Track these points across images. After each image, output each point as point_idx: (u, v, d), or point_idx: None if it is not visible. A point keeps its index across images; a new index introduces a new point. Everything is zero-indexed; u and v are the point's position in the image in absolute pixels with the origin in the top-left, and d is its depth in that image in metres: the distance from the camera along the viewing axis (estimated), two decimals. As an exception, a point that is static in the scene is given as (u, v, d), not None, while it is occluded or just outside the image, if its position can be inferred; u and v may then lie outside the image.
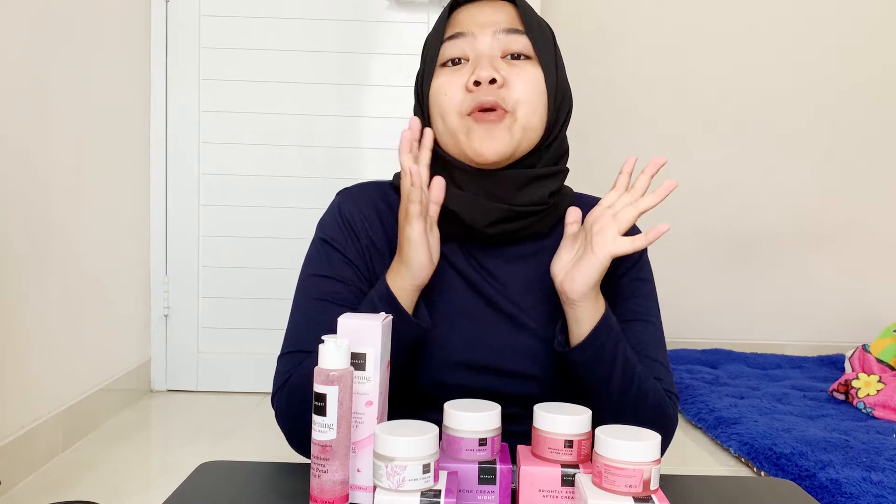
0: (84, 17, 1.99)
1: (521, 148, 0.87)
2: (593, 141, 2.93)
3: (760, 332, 3.06)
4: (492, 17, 0.88)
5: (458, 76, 0.86)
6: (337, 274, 0.89)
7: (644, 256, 0.94)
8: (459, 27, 0.88)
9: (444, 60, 0.88)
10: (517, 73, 0.86)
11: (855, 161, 3.05)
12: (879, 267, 3.08)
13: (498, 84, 0.84)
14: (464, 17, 0.89)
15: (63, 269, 1.89)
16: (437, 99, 0.87)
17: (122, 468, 1.81)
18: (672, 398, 0.88)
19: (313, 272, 0.90)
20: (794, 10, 3.00)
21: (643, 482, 0.60)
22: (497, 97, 0.84)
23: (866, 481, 1.61)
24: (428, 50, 0.91)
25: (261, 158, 2.46)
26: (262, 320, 2.47)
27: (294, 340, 0.88)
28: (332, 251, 0.90)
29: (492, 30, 0.87)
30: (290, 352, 0.88)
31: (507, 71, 0.86)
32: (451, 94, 0.86)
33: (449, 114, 0.86)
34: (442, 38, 0.89)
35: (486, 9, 0.89)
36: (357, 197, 0.93)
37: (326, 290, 0.88)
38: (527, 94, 0.85)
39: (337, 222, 0.91)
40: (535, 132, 0.87)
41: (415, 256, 0.80)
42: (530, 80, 0.86)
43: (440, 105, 0.87)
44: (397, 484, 0.59)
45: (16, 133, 1.68)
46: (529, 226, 0.89)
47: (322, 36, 2.44)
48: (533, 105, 0.86)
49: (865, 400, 2.18)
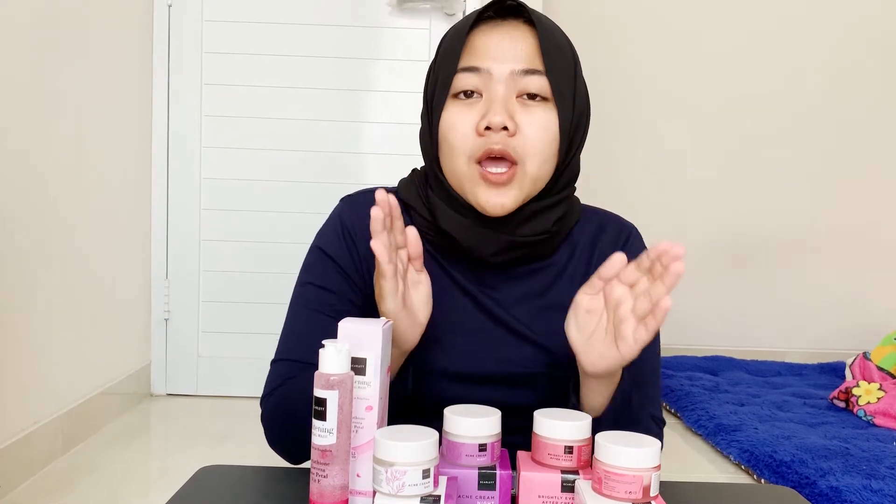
0: (86, 22, 2.00)
1: (530, 196, 0.86)
2: (591, 148, 2.93)
3: (761, 340, 3.06)
4: (511, 50, 0.84)
5: (469, 114, 0.84)
6: (331, 285, 0.89)
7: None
8: (476, 59, 0.84)
9: (457, 92, 0.85)
10: (530, 120, 0.83)
11: (855, 169, 3.05)
12: (880, 274, 3.08)
13: (509, 132, 0.82)
14: (481, 45, 0.85)
15: (64, 272, 1.89)
16: (446, 134, 0.85)
17: (122, 472, 1.80)
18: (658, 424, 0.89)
19: (308, 280, 0.91)
20: (795, 19, 3.01)
21: (643, 488, 0.60)
22: (507, 146, 0.82)
23: (866, 489, 1.60)
24: (442, 67, 0.87)
25: (262, 163, 2.46)
26: (262, 324, 2.47)
27: (285, 349, 0.90)
28: (328, 261, 0.90)
29: (509, 69, 0.83)
30: (281, 360, 0.90)
31: (520, 116, 0.83)
32: (461, 133, 0.84)
33: (459, 156, 0.84)
34: (456, 64, 0.85)
35: (505, 38, 0.85)
36: (359, 205, 0.92)
37: (319, 301, 0.89)
38: (537, 145, 0.83)
39: (337, 232, 0.91)
40: (545, 179, 0.86)
41: (397, 330, 0.76)
42: (543, 126, 0.83)
43: (450, 144, 0.85)
44: (397, 489, 0.59)
45: (17, 135, 1.69)
46: (533, 251, 0.89)
47: (324, 41, 2.45)
48: (544, 155, 0.84)
49: (866, 408, 2.17)
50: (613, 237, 0.94)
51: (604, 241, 0.93)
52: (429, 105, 0.89)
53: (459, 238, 0.86)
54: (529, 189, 0.85)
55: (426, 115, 0.90)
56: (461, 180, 0.85)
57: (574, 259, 0.92)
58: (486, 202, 0.83)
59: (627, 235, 0.94)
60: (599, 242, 0.93)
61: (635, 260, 0.73)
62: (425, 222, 0.89)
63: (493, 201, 0.83)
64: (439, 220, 0.87)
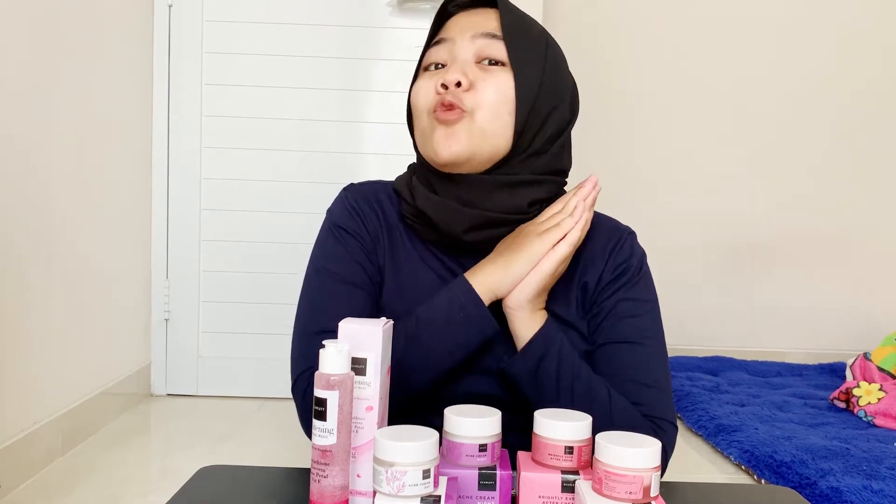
0: (86, 22, 2.00)
1: (484, 152, 0.86)
2: (589, 147, 2.93)
3: (761, 340, 3.05)
4: (475, 22, 0.89)
5: (433, 80, 0.88)
6: (355, 256, 0.91)
7: (640, 273, 0.92)
8: (444, 33, 0.91)
9: (427, 65, 0.91)
10: (485, 78, 0.86)
11: (856, 169, 3.05)
12: (881, 275, 3.08)
13: (463, 87, 0.85)
14: (450, 24, 0.92)
15: (64, 273, 1.89)
16: (414, 101, 0.91)
17: (122, 472, 1.80)
18: (659, 423, 0.85)
19: (328, 254, 0.91)
20: (795, 18, 3.01)
21: (643, 489, 0.59)
22: (456, 98, 0.85)
23: (867, 490, 1.60)
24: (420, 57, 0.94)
25: (262, 163, 2.46)
26: (262, 325, 2.47)
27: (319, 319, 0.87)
28: (347, 236, 0.92)
29: (470, 34, 0.88)
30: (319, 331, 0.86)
31: (476, 75, 0.86)
32: (423, 96, 0.89)
33: (420, 115, 0.89)
34: (429, 45, 0.92)
35: (473, 17, 0.91)
36: (364, 191, 0.96)
37: (349, 273, 0.90)
38: (489, 99, 0.85)
39: (348, 210, 0.94)
40: (499, 138, 0.86)
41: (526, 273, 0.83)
42: (497, 85, 0.86)
43: (415, 107, 0.90)
44: (397, 489, 0.59)
45: (17, 135, 1.69)
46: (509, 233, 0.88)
47: (324, 41, 2.45)
48: (494, 110, 0.85)
49: (866, 408, 2.17)
50: (605, 239, 0.92)
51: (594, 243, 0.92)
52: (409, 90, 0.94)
53: (431, 214, 0.87)
54: (479, 141, 0.85)
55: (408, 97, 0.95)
56: (425, 138, 0.89)
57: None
58: (437, 145, 0.86)
59: (618, 238, 0.93)
60: (589, 245, 0.91)
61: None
62: (409, 207, 0.92)
63: (443, 144, 0.85)
64: (417, 200, 0.89)
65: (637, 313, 0.89)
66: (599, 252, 0.91)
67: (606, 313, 0.89)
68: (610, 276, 0.90)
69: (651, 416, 0.85)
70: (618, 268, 0.90)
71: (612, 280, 0.90)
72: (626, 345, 0.88)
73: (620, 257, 0.91)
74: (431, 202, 0.88)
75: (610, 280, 0.90)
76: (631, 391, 0.85)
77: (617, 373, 0.86)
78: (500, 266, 0.84)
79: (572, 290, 0.90)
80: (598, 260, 0.91)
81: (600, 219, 0.95)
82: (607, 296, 0.90)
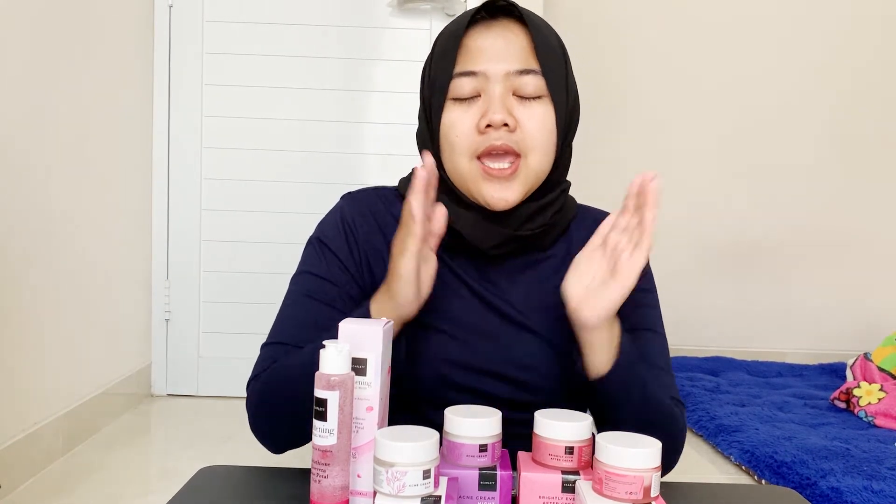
0: (87, 23, 2.00)
1: (532, 189, 0.87)
2: (589, 147, 2.93)
3: (761, 340, 3.05)
4: (505, 50, 0.85)
5: (469, 114, 0.85)
6: (330, 276, 0.89)
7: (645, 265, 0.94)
8: (472, 63, 0.85)
9: (456, 95, 0.86)
10: (529, 115, 0.85)
11: (856, 170, 3.05)
12: (881, 275, 3.08)
13: (510, 129, 0.84)
14: (475, 47, 0.86)
15: (64, 273, 1.89)
16: (448, 136, 0.87)
17: (122, 472, 1.80)
18: (679, 405, 0.88)
19: (307, 270, 0.91)
20: (794, 19, 3.01)
21: (643, 489, 0.59)
22: (509, 141, 0.84)
23: (867, 490, 1.60)
24: (438, 72, 0.88)
25: (263, 163, 2.46)
26: (262, 325, 2.44)
27: (278, 332, 0.90)
28: (328, 253, 0.91)
29: (504, 70, 0.84)
30: (272, 342, 0.89)
31: (518, 112, 0.85)
32: (462, 134, 0.85)
33: (461, 156, 0.86)
34: (452, 69, 0.86)
35: (498, 39, 0.86)
36: (360, 202, 0.94)
37: (317, 289, 0.89)
38: (538, 139, 0.85)
39: (337, 226, 0.92)
40: (545, 172, 0.88)
41: (402, 292, 0.78)
42: (541, 121, 0.85)
43: (451, 144, 0.86)
44: (397, 489, 0.59)
45: (18, 135, 1.69)
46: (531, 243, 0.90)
47: (324, 41, 2.45)
48: (544, 149, 0.86)
49: (867, 408, 2.17)
50: None
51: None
52: (427, 106, 0.90)
53: (464, 232, 0.87)
54: (532, 182, 0.86)
55: (424, 115, 0.91)
56: (464, 178, 0.86)
57: (571, 255, 0.92)
58: (492, 197, 0.85)
59: None
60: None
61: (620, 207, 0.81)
62: None
63: (498, 196, 0.84)
64: None
65: (646, 302, 0.93)
66: None
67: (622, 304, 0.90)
68: None
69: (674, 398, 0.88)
70: None
71: None
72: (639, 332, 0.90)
73: None
74: (465, 220, 0.87)
75: None
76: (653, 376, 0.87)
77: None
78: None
79: None
80: None
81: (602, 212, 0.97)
82: None
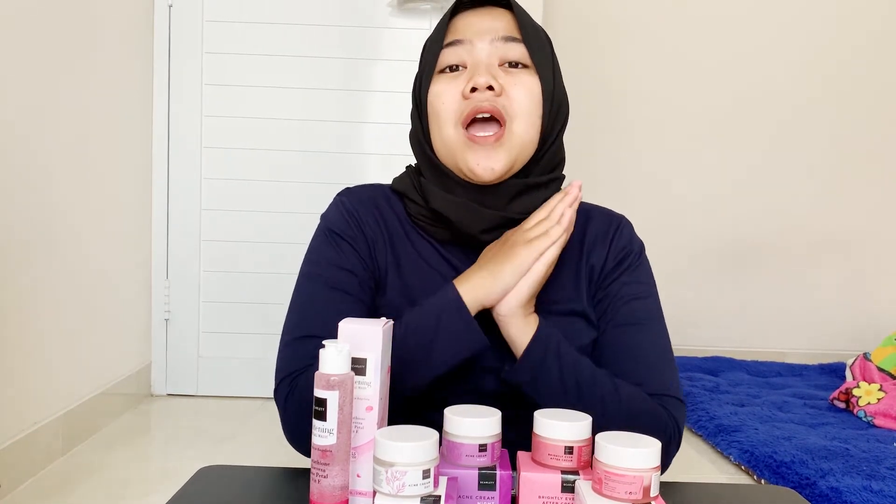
0: (87, 23, 2.00)
1: (517, 162, 0.87)
2: (590, 147, 2.93)
3: (761, 340, 3.05)
4: (490, 24, 0.88)
5: (455, 83, 0.87)
6: (350, 265, 0.89)
7: (640, 258, 0.95)
8: (458, 34, 0.89)
9: (443, 67, 0.89)
10: (514, 82, 0.86)
11: (856, 169, 3.05)
12: (881, 275, 3.08)
13: (496, 92, 0.85)
14: (463, 25, 0.90)
15: (64, 273, 1.89)
16: (434, 106, 0.88)
17: (122, 472, 1.80)
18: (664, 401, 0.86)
19: (324, 260, 0.90)
20: (795, 18, 3.01)
21: (643, 489, 0.59)
22: (494, 104, 0.84)
23: (866, 490, 1.60)
24: (426, 55, 0.92)
25: (263, 163, 2.46)
26: (263, 325, 2.47)
27: (307, 325, 0.86)
28: (343, 243, 0.90)
29: (490, 37, 0.87)
30: (305, 336, 0.85)
31: (504, 79, 0.86)
32: (448, 101, 0.87)
33: (446, 123, 0.87)
34: (441, 44, 0.89)
35: (485, 17, 0.89)
36: (359, 194, 0.95)
37: (340, 280, 0.88)
38: (524, 105, 0.86)
39: (343, 215, 0.92)
40: (532, 145, 0.88)
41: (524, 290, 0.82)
42: (527, 89, 0.87)
43: (437, 112, 0.88)
44: (397, 489, 0.59)
45: (18, 135, 1.69)
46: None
47: (324, 41, 2.45)
48: (530, 117, 0.86)
49: (866, 408, 2.17)
50: (604, 226, 0.95)
51: (593, 229, 0.95)
52: (417, 89, 0.92)
53: (450, 215, 0.87)
54: (517, 153, 0.86)
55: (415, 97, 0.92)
56: (451, 149, 0.87)
57: (567, 247, 0.92)
58: (477, 165, 0.85)
59: (618, 224, 0.96)
60: (589, 231, 0.94)
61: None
62: (419, 208, 0.91)
63: (484, 164, 0.85)
64: (431, 202, 0.89)
65: (640, 296, 0.92)
66: (601, 237, 0.94)
67: (612, 298, 0.91)
68: (613, 262, 0.93)
69: (658, 394, 0.86)
70: (620, 252, 0.93)
71: (616, 265, 0.92)
72: (632, 326, 0.90)
73: (621, 242, 0.94)
74: (450, 203, 0.87)
75: (613, 265, 0.92)
76: (641, 371, 0.87)
77: (625, 354, 0.88)
78: (488, 276, 0.82)
79: (581, 278, 0.92)
80: (600, 245, 0.93)
81: (595, 207, 0.98)
82: (611, 280, 0.92)
